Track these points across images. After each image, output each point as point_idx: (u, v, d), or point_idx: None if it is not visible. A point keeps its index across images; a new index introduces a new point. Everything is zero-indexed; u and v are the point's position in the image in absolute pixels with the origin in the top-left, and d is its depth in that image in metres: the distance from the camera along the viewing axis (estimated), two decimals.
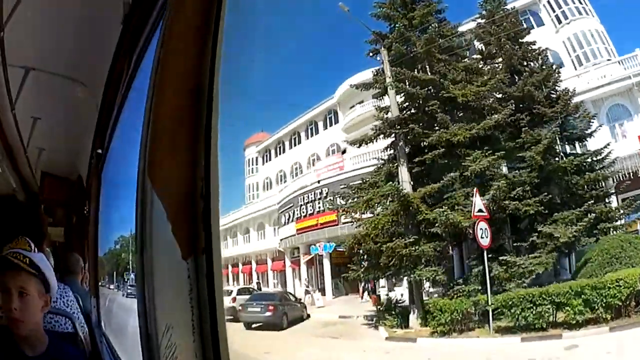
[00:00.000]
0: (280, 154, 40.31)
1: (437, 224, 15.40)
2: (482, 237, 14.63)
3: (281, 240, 31.91)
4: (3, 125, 4.90)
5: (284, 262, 33.00)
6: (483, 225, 14.75)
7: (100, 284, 3.88)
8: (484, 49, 19.98)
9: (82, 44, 3.60)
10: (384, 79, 18.34)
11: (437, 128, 17.26)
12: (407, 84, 17.84)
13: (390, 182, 16.83)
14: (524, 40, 19.63)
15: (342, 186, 24.94)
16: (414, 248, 15.24)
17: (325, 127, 35.87)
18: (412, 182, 16.84)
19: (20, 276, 2.10)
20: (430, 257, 15.58)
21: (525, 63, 19.21)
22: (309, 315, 20.83)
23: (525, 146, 16.96)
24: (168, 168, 1.19)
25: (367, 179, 18.95)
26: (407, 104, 18.63)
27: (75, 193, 5.19)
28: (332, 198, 25.93)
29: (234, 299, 20.71)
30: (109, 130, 3.58)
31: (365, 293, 24.47)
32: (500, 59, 19.17)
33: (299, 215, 29.49)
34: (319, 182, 28.60)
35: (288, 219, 30.70)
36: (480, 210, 14.88)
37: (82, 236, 4.34)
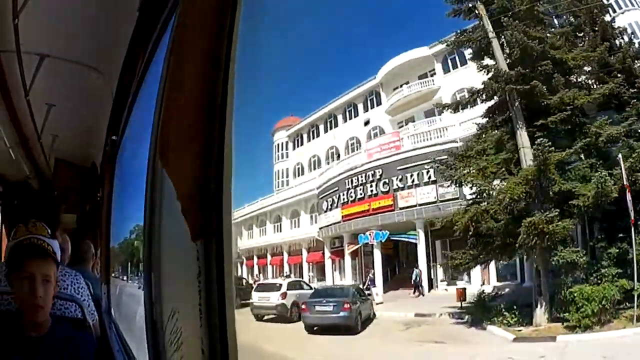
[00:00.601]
0: (313, 138, 37.36)
1: (579, 196, 12.82)
2: (631, 210, 12.21)
3: (320, 228, 29.22)
4: (17, 112, 4.95)
5: (323, 253, 29.99)
6: (629, 197, 12.29)
7: (113, 274, 3.90)
8: (573, 20, 17.71)
9: (98, 31, 3.59)
10: (483, 35, 16.14)
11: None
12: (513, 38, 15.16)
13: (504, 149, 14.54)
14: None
15: (399, 167, 23.69)
16: (555, 224, 12.52)
17: (366, 109, 33.04)
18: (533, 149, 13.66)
19: (47, 263, 2.11)
20: (567, 237, 13.02)
21: (616, 38, 17.57)
22: (374, 314, 18.09)
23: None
24: (180, 151, 1.17)
25: (473, 146, 16.08)
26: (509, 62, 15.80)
27: (89, 180, 5.21)
28: (387, 181, 24.12)
29: (284, 295, 18.40)
30: (124, 116, 3.58)
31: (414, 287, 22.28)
32: (591, 32, 17.01)
33: (346, 200, 26.85)
34: (369, 163, 25.89)
35: (331, 205, 28.10)
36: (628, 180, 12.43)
37: (94, 223, 4.36)
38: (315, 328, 15.35)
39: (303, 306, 16.23)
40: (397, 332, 14.79)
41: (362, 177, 26.10)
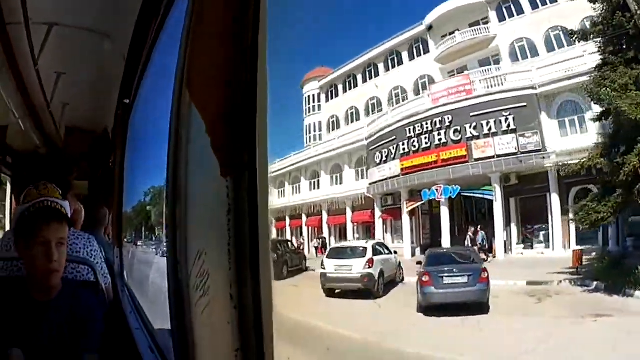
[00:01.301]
0: (350, 88, 33.10)
1: None
2: None
3: (371, 184, 25.50)
4: (26, 82, 4.88)
5: (372, 213, 25.99)
6: None
7: (125, 239, 3.86)
8: None
9: None
10: None
11: None
12: None
13: None
14: None
15: (472, 114, 20.76)
16: None
17: (412, 58, 29.32)
18: None
19: (62, 226, 2.05)
20: None
21: None
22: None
23: None
24: (209, 81, 1.06)
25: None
26: None
27: (101, 146, 5.16)
28: (458, 128, 21.21)
29: (371, 262, 14.70)
30: (137, 80, 3.49)
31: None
32: None
33: (406, 150, 23.37)
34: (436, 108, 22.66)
35: (386, 157, 24.63)
36: None
37: (106, 189, 4.31)
38: (435, 307, 11.56)
39: (425, 278, 12.21)
40: (533, 306, 12.04)
41: (427, 124, 22.67)
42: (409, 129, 23.58)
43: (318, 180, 31.23)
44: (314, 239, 28.39)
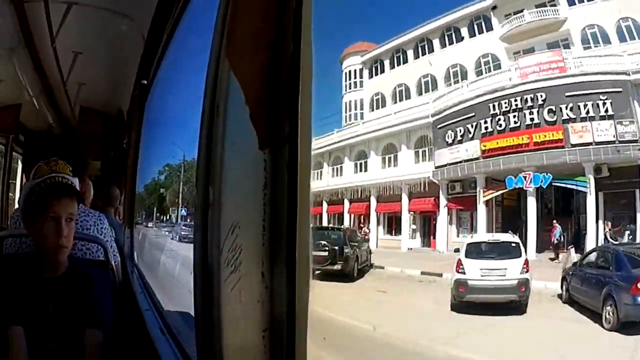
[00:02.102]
0: (399, 64, 29.34)
1: None
2: None
3: (438, 168, 22.08)
4: (42, 61, 4.88)
5: (435, 201, 22.33)
6: None
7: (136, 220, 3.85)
8: None
9: None
10: None
11: None
12: None
13: None
14: None
15: (568, 93, 18.19)
16: None
17: (472, 35, 26.00)
18: None
19: (72, 202, 2.03)
20: None
21: None
22: None
23: None
24: (250, 48, 1.02)
25: None
26: None
27: (115, 127, 5.15)
28: (553, 108, 18.59)
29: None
30: (155, 61, 3.46)
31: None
32: None
33: (489, 129, 20.24)
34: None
35: (461, 136, 21.29)
36: None
37: (119, 170, 4.29)
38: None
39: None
40: None
41: (516, 100, 19.69)
42: (493, 105, 20.26)
43: (365, 162, 27.27)
44: (359, 229, 24.29)
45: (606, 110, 17.83)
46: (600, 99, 17.77)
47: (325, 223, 26.93)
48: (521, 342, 8.71)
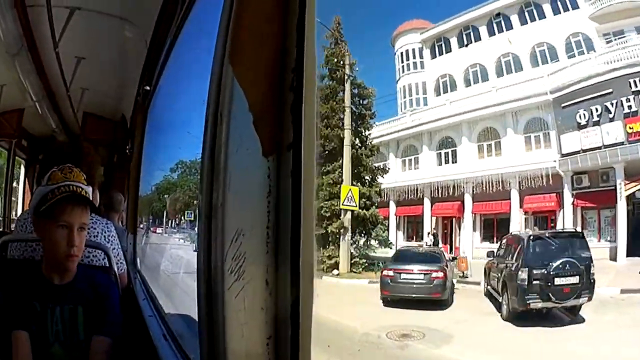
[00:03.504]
0: (469, 42, 25.25)
1: None
2: None
3: (565, 156, 18.01)
4: (44, 65, 4.89)
5: (558, 197, 18.19)
6: None
7: (141, 225, 3.84)
8: None
9: None
10: None
11: None
12: None
13: None
14: None
15: None
16: None
17: (557, 12, 22.72)
18: None
19: (85, 212, 2.04)
20: None
21: None
22: None
23: None
24: (254, 52, 1.02)
25: None
26: None
27: (118, 132, 5.15)
28: None
29: None
30: (159, 67, 3.47)
31: None
32: None
33: (634, 109, 16.63)
34: None
35: (598, 116, 17.44)
36: None
37: (122, 175, 4.30)
38: None
39: None
40: None
41: None
42: (634, 81, 16.82)
43: (454, 151, 22.17)
44: (429, 235, 20.73)
45: None
46: None
47: (393, 228, 22.76)
48: None
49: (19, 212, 7.57)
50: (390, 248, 19.84)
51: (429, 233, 21.18)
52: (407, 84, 27.84)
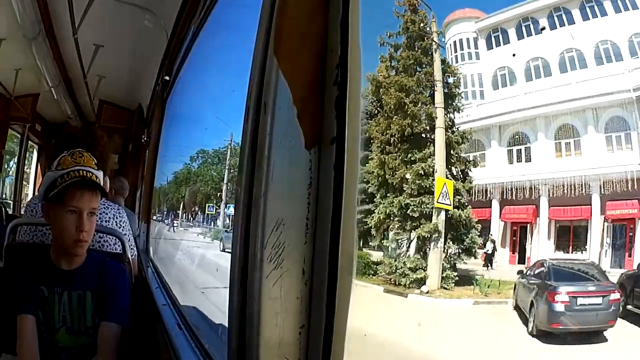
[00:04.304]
0: (528, 35, 20.99)
1: None
2: None
3: None
4: (62, 52, 4.92)
5: None
6: None
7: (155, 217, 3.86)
8: None
9: None
10: None
11: None
12: None
13: None
14: None
15: None
16: None
17: (618, 11, 17.92)
18: None
19: (95, 196, 2.04)
20: None
21: None
22: None
23: None
24: (298, 51, 1.04)
25: None
26: None
27: (134, 121, 5.18)
28: None
29: None
30: (179, 58, 3.49)
31: None
32: None
33: None
34: None
35: None
36: None
37: (137, 164, 4.33)
38: None
39: None
40: None
41: None
42: None
43: (527, 148, 19.18)
44: (488, 242, 17.82)
45: None
46: None
47: (496, 237, 18.45)
48: None
49: (30, 196, 7.61)
50: (475, 257, 16.38)
51: (488, 240, 18.11)
52: (462, 74, 25.72)
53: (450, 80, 18.17)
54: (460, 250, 15.61)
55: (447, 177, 16.03)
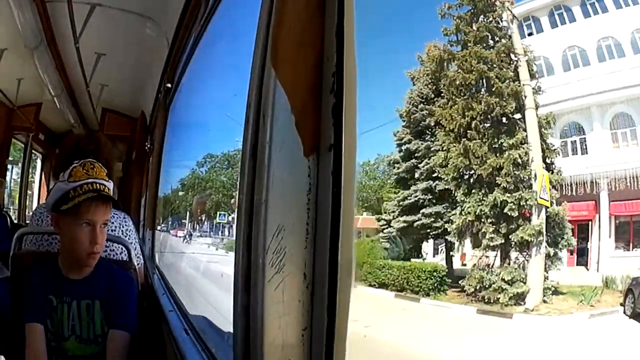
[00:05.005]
0: (595, 13, 18.41)
1: None
2: None
3: None
4: (64, 61, 4.96)
5: None
6: None
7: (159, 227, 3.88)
8: None
9: None
10: None
11: None
12: None
13: None
14: None
15: None
16: None
17: None
18: None
19: (108, 209, 2.05)
20: None
21: None
22: None
23: None
24: (295, 55, 1.06)
25: None
26: None
27: (137, 129, 5.22)
28: None
29: None
30: (181, 65, 3.53)
31: None
32: None
33: None
34: None
35: None
36: None
37: (140, 171, 4.36)
38: None
39: None
40: None
41: None
42: None
43: (582, 139, 17.30)
44: None
45: None
46: None
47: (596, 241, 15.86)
48: None
49: (34, 205, 7.66)
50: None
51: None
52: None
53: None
54: (554, 255, 13.01)
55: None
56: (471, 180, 14.34)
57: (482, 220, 13.24)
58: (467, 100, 14.34)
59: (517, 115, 14.47)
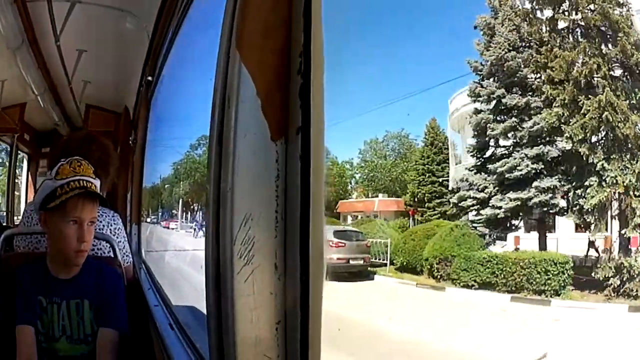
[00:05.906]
0: None
1: None
2: None
3: None
4: (46, 59, 4.90)
5: None
6: None
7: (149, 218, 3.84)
8: None
9: None
10: None
11: None
12: None
13: None
14: None
15: None
16: None
17: None
18: None
19: (96, 206, 2.04)
20: None
21: None
22: None
23: None
24: (260, 39, 1.01)
25: None
26: None
27: (120, 123, 5.17)
28: None
29: None
30: (161, 57, 3.47)
31: None
32: None
33: None
34: None
35: None
36: None
37: (126, 166, 4.32)
38: None
39: None
40: None
41: None
42: None
43: None
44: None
45: None
46: None
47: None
48: None
49: (22, 206, 7.59)
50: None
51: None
52: None
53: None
54: None
55: None
56: (608, 143, 11.27)
57: (630, 193, 10.54)
58: (591, 45, 11.63)
59: None
